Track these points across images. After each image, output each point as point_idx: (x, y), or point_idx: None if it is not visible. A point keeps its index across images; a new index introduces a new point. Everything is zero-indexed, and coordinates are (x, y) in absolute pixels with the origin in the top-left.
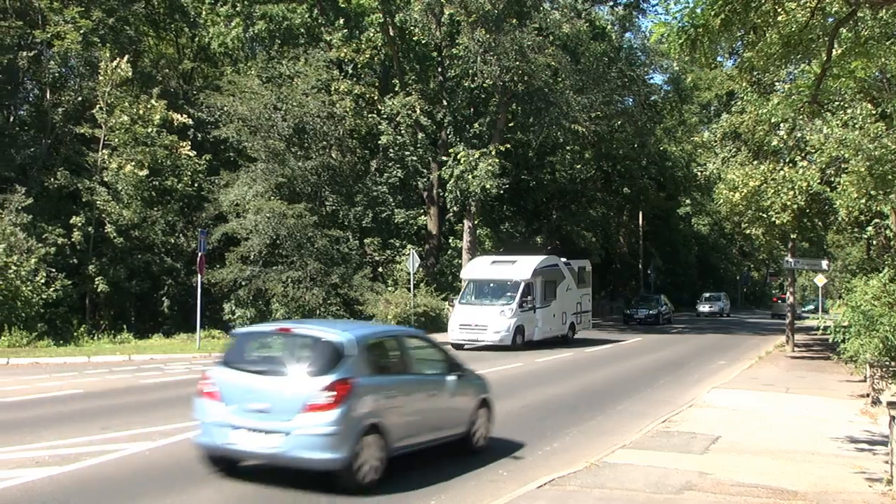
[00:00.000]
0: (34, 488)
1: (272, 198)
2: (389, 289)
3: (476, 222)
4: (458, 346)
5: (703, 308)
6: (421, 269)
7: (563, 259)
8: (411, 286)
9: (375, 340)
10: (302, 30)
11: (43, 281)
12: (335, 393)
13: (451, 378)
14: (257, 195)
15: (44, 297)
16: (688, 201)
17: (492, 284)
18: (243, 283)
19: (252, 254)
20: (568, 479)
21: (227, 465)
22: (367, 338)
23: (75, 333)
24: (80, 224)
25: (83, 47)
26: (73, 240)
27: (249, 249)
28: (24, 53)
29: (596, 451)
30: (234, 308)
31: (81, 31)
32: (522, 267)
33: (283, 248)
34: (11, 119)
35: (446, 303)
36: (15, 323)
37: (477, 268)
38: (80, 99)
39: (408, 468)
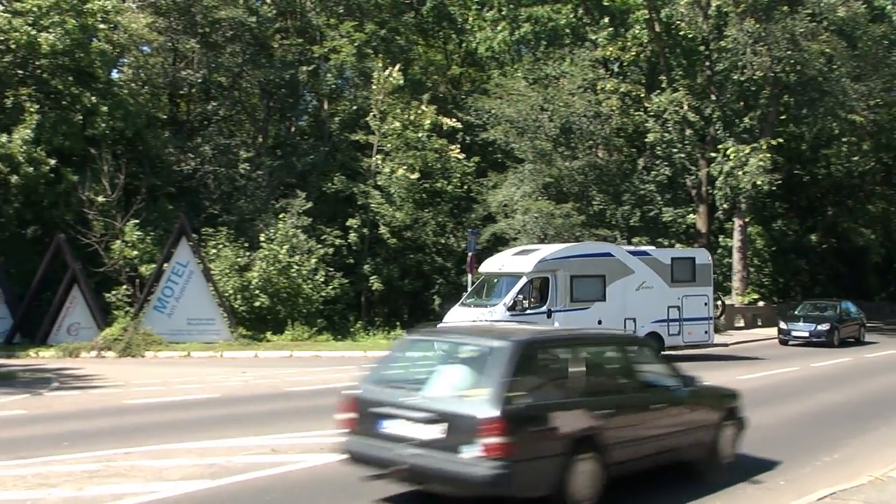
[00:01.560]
0: (319, 472)
1: (540, 198)
2: None
3: (747, 220)
4: None
5: None
6: None
7: (644, 247)
8: None
9: None
10: (567, 30)
11: (322, 279)
12: None
13: None
14: (525, 195)
15: (323, 294)
16: None
17: (496, 281)
18: None
19: None
20: (850, 492)
21: None
22: None
23: (352, 329)
24: (355, 226)
25: (357, 59)
26: (349, 241)
27: None
28: (304, 68)
29: (880, 464)
30: None
31: (355, 44)
32: (534, 258)
33: None
34: (293, 129)
35: (717, 302)
36: (297, 318)
37: (493, 260)
38: (354, 108)
39: None
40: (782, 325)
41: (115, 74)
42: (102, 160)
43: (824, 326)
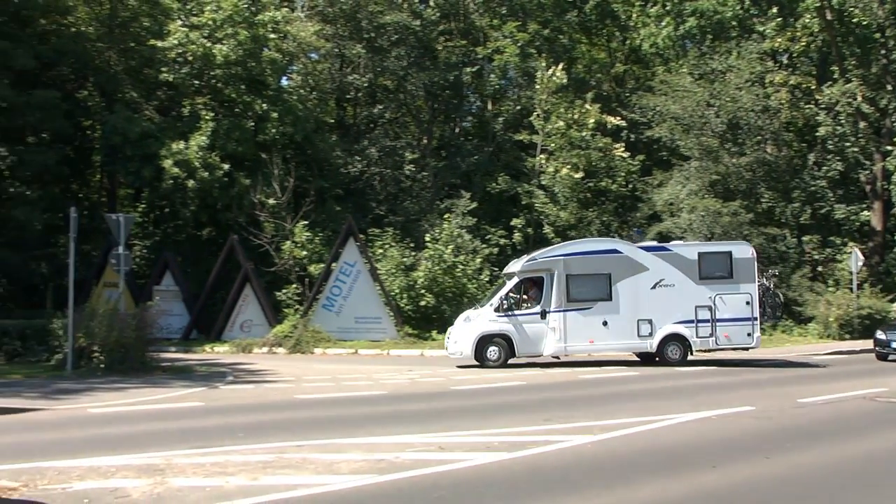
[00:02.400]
0: (486, 471)
1: (706, 196)
2: (830, 289)
3: None
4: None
5: None
6: (864, 269)
7: (669, 242)
8: (854, 287)
9: None
10: (734, 22)
11: (487, 279)
12: None
13: None
14: (691, 193)
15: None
16: None
17: (501, 280)
18: None
19: None
20: None
21: None
22: None
23: None
24: (520, 225)
25: (520, 59)
26: (513, 240)
27: None
28: (468, 69)
29: None
30: None
31: (519, 45)
32: (526, 257)
33: None
34: (457, 130)
35: (894, 304)
36: None
37: (513, 261)
38: (518, 108)
39: None
40: (879, 334)
41: (284, 82)
42: (273, 164)
43: None
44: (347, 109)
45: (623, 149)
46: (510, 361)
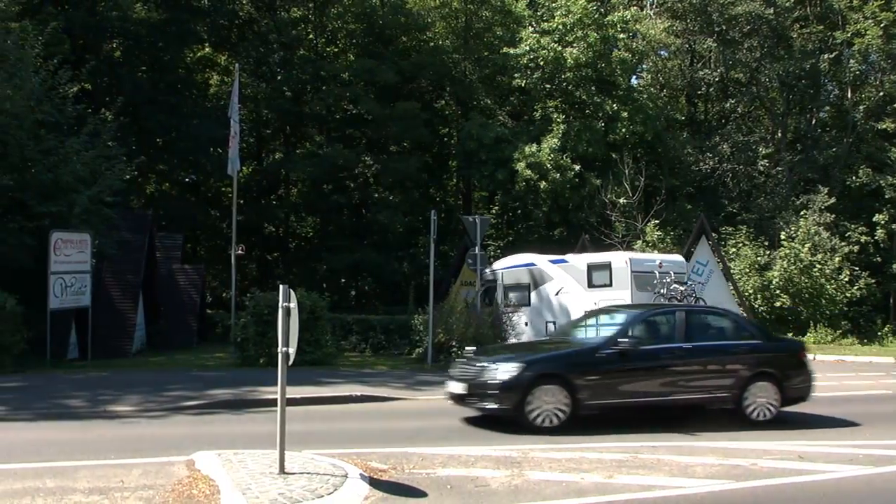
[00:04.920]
0: (846, 485)
1: None
2: None
3: None
4: None
5: None
6: None
7: (563, 256)
8: None
9: None
10: None
11: (846, 279)
12: None
13: None
14: None
15: (847, 295)
16: None
17: None
18: None
19: None
20: None
21: None
22: None
23: (879, 333)
24: (883, 221)
25: (884, 41)
26: (876, 237)
27: None
28: (825, 56)
29: None
30: None
31: (882, 25)
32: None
33: None
34: (814, 122)
35: None
36: (820, 320)
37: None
38: (881, 94)
39: None
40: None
41: (634, 81)
42: (623, 164)
43: (504, 370)
44: (698, 105)
45: None
46: None
